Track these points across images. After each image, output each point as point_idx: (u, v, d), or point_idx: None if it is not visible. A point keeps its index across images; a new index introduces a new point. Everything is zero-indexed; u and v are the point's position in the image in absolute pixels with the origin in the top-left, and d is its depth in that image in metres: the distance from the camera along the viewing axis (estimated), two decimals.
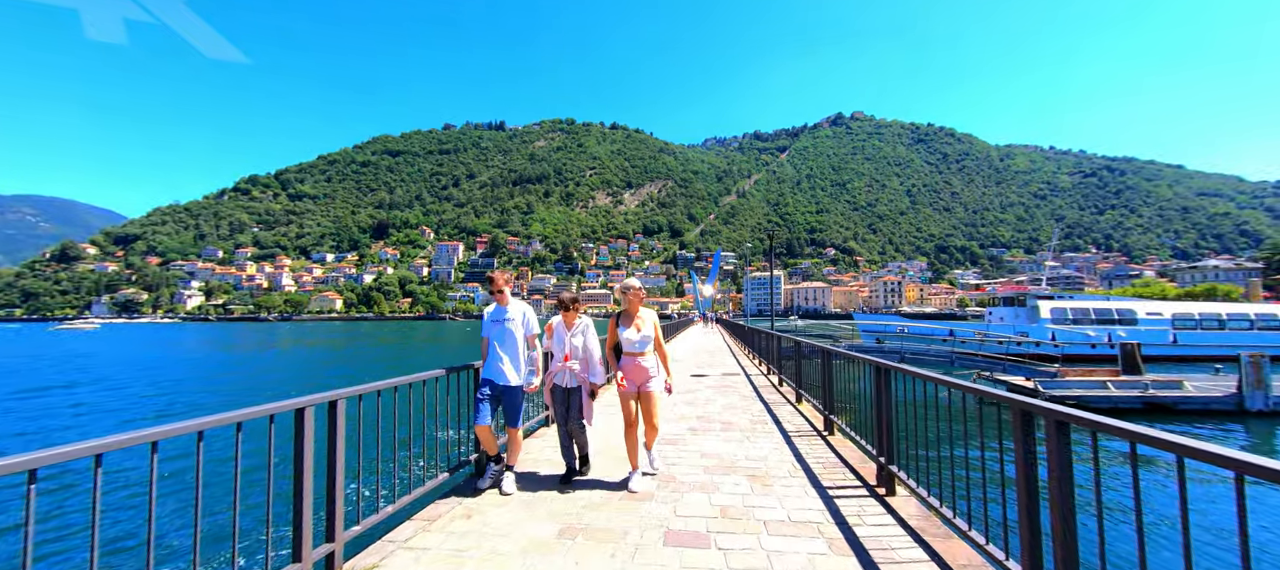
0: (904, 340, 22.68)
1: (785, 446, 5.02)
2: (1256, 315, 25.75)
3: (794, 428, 5.71)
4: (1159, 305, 26.92)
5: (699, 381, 9.57)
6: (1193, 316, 26.13)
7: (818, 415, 6.10)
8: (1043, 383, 13.64)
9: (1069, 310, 26.18)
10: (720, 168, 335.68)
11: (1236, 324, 25.77)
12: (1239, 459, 1.37)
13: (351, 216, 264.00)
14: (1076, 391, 13.05)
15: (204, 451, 2.14)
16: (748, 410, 6.77)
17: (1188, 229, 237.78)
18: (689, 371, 11.24)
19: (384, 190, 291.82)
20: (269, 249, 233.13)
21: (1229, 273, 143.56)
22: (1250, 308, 26.64)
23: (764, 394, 8.05)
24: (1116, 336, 24.65)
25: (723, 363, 13.28)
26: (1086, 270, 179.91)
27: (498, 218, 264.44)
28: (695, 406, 7.06)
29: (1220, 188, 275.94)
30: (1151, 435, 1.61)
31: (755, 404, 7.21)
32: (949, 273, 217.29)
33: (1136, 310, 26.27)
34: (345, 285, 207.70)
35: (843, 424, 5.07)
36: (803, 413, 6.49)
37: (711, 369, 11.73)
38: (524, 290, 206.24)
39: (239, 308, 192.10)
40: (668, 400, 7.27)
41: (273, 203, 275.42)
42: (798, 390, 7.14)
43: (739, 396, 7.82)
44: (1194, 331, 25.78)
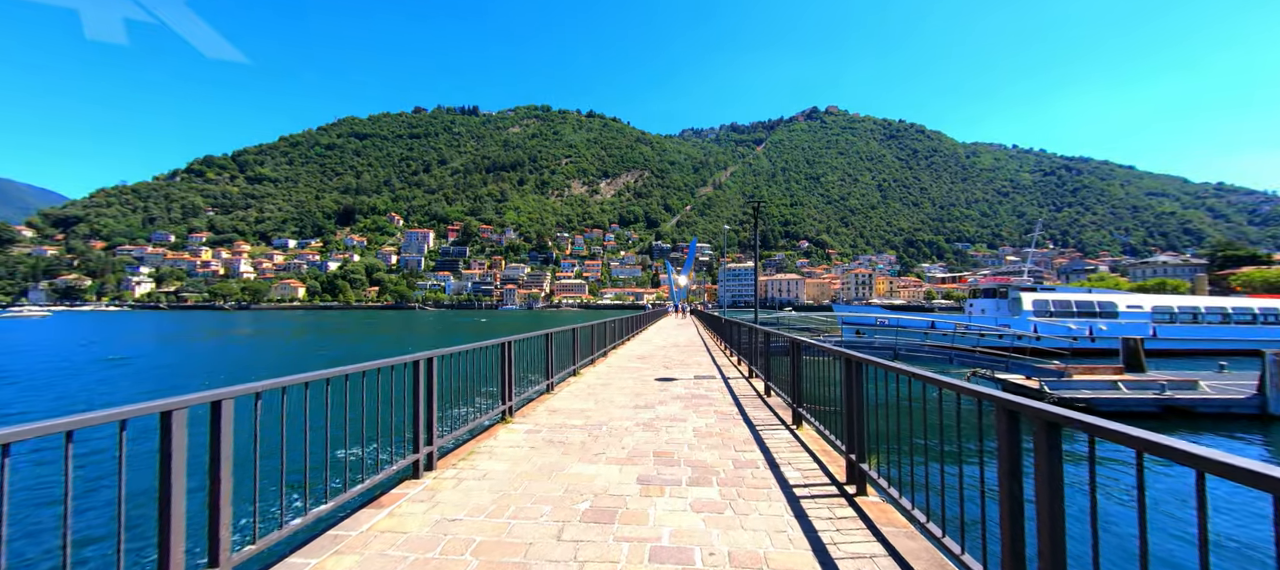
0: (897, 335, 21.05)
1: (794, 520, 3.19)
2: (1233, 309, 25.64)
3: (800, 476, 3.94)
4: (1139, 298, 26.62)
5: (665, 387, 7.91)
6: (1172, 309, 25.85)
7: (831, 452, 4.47)
8: (1048, 382, 12.52)
9: (1051, 302, 25.61)
10: (697, 159, 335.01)
11: (1211, 318, 25.65)
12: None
13: (315, 201, 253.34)
14: (1085, 393, 11.91)
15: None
16: (728, 439, 5.03)
17: (1137, 227, 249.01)
18: (655, 373, 9.59)
19: (350, 174, 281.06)
20: (226, 234, 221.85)
21: (1176, 268, 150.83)
22: (1227, 301, 26.56)
23: (747, 406, 6.42)
24: (1098, 330, 24.22)
25: (696, 361, 11.66)
26: (1044, 265, 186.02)
27: (470, 205, 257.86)
28: (656, 432, 5.28)
29: (1166, 188, 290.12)
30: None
31: (738, 426, 5.52)
32: (917, 266, 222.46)
33: (1117, 303, 25.85)
34: (309, 273, 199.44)
35: (876, 474, 3.34)
36: (804, 442, 4.82)
37: (683, 370, 10.08)
38: (497, 279, 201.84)
39: (193, 295, 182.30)
40: (620, 417, 5.53)
41: (230, 185, 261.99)
42: (794, 407, 5.50)
43: (716, 414, 6.13)
44: (1173, 325, 25.47)
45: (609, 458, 4.39)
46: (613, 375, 9.28)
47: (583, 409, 6.33)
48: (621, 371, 9.83)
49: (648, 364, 11.08)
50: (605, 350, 12.49)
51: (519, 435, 5.07)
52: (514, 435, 5.07)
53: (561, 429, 5.33)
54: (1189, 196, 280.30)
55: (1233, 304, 26.37)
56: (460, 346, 4.58)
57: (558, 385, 7.89)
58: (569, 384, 8.18)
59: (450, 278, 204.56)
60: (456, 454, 4.45)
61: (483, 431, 5.17)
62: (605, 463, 4.24)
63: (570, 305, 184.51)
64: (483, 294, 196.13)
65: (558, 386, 7.84)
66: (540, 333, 7.11)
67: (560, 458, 4.37)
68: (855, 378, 3.57)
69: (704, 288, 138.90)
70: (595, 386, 8.00)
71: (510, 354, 5.69)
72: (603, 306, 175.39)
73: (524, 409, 6.27)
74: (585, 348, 10.19)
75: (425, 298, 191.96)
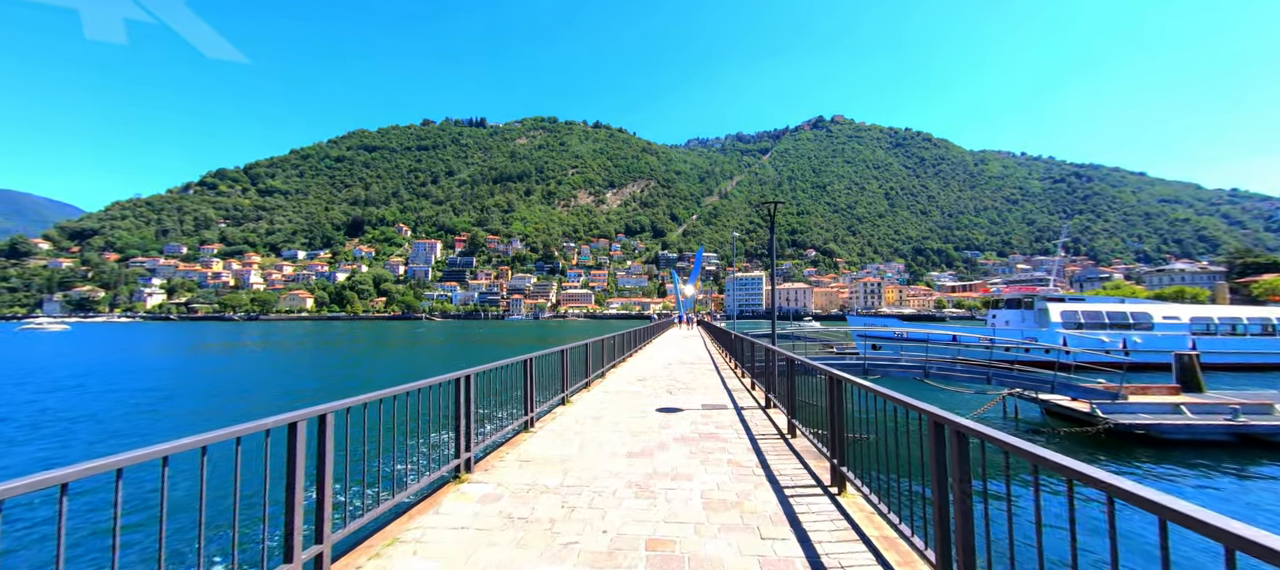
0: (926, 351, 19.64)
1: None
2: (1278, 320, 23.86)
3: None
4: (1175, 308, 24.99)
5: (668, 421, 6.70)
6: (1211, 320, 24.16)
7: (894, 541, 3.14)
8: (1100, 405, 11.17)
9: (1080, 313, 24.08)
10: (702, 168, 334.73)
11: (1252, 329, 23.93)
12: None
13: (325, 213, 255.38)
14: (1144, 418, 10.55)
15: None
16: (750, 514, 3.67)
17: (1150, 234, 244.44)
18: (656, 399, 8.36)
19: (360, 186, 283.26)
20: (237, 246, 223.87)
21: (1195, 275, 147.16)
22: (1270, 312, 24.80)
23: (769, 454, 5.14)
24: (1132, 343, 22.63)
25: (703, 382, 10.41)
26: (1057, 272, 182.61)
27: (477, 216, 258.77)
28: (652, 498, 3.99)
29: (1179, 195, 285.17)
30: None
31: (761, 488, 4.19)
32: (926, 274, 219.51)
33: (1152, 313, 24.25)
34: (317, 284, 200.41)
35: None
36: (855, 521, 3.45)
37: (688, 395, 8.84)
38: (503, 289, 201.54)
39: (203, 306, 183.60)
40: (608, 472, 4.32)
41: (241, 198, 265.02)
42: (834, 464, 4.11)
43: (730, 465, 4.81)
44: (1213, 337, 23.78)
45: (584, 551, 3.12)
46: (608, 403, 8.11)
47: (563, 456, 5.13)
48: (618, 397, 8.67)
49: (648, 387, 9.84)
50: (603, 370, 11.29)
51: (468, 508, 3.82)
52: (462, 507, 3.82)
53: (528, 494, 4.11)
54: (1203, 203, 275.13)
55: (1276, 315, 24.70)
56: (405, 386, 3.50)
57: (540, 420, 6.70)
58: (554, 417, 7.00)
59: (457, 288, 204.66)
60: (363, 550, 3.13)
61: (418, 503, 3.88)
62: (576, 563, 2.99)
63: (576, 315, 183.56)
64: (489, 304, 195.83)
65: (540, 421, 6.66)
66: (517, 359, 5.94)
67: (513, 553, 3.11)
68: (957, 454, 2.39)
69: (711, 297, 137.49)
70: (584, 420, 6.82)
71: (468, 391, 4.51)
72: (609, 316, 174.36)
73: (489, 459, 5.06)
74: (578, 370, 9.01)
75: (432, 308, 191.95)
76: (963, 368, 12.58)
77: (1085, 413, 11.23)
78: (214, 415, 16.36)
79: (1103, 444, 10.72)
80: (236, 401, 19.10)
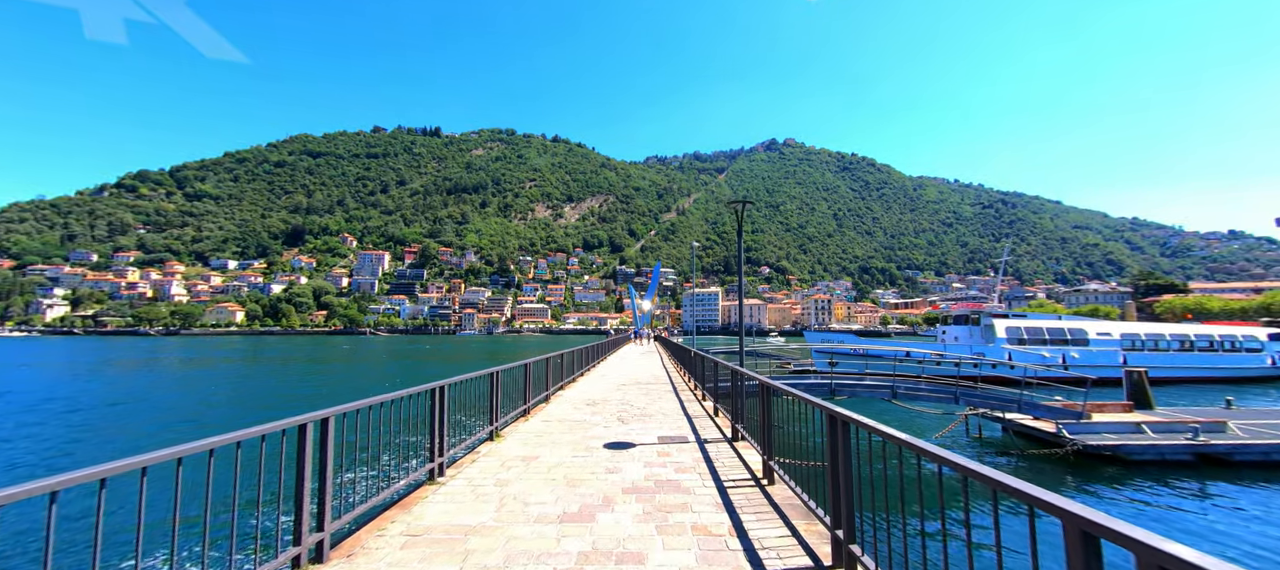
0: (894, 366, 19.22)
1: None
2: (1196, 337, 25.51)
3: None
4: (1107, 325, 26.26)
5: (618, 462, 5.47)
6: (1139, 337, 25.45)
7: None
8: (1067, 425, 10.90)
9: (1023, 329, 24.81)
10: (661, 185, 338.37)
11: (1173, 345, 25.48)
12: None
13: (261, 220, 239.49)
14: (1110, 439, 10.33)
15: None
16: None
17: (1066, 257, 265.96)
18: (606, 432, 7.10)
19: (301, 193, 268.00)
20: (158, 253, 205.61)
21: (1106, 295, 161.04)
22: (1188, 329, 26.61)
23: (744, 513, 4.02)
24: (1070, 358, 23.59)
25: (661, 406, 9.26)
26: (986, 291, 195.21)
27: (429, 227, 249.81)
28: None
29: (1089, 222, 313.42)
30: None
31: None
32: (872, 292, 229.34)
33: (1088, 330, 25.31)
34: (249, 295, 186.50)
35: None
36: None
37: (644, 424, 7.65)
38: (455, 303, 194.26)
39: (114, 320, 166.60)
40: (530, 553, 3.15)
41: (165, 202, 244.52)
42: (834, 533, 3.06)
43: (694, 533, 3.66)
44: (1140, 353, 24.99)
45: None
46: (547, 437, 6.81)
47: (471, 525, 3.79)
48: (561, 428, 7.39)
49: (599, 413, 8.59)
50: (547, 393, 9.94)
51: None
52: None
53: None
54: (1109, 229, 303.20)
55: (1194, 332, 26.33)
56: (241, 432, 2.64)
57: (455, 466, 5.29)
58: (475, 459, 5.60)
59: (406, 301, 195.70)
60: None
61: None
62: None
63: (532, 330, 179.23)
64: (440, 318, 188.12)
65: (455, 467, 5.24)
66: (425, 387, 4.61)
67: None
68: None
69: (668, 312, 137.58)
70: (513, 463, 5.48)
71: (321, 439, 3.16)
72: (566, 331, 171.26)
73: (363, 533, 3.62)
74: (514, 395, 7.68)
75: (378, 322, 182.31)
76: (930, 387, 12.13)
77: (1051, 433, 10.92)
78: None
79: (1071, 466, 10.41)
80: None
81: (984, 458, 11.28)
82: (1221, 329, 26.79)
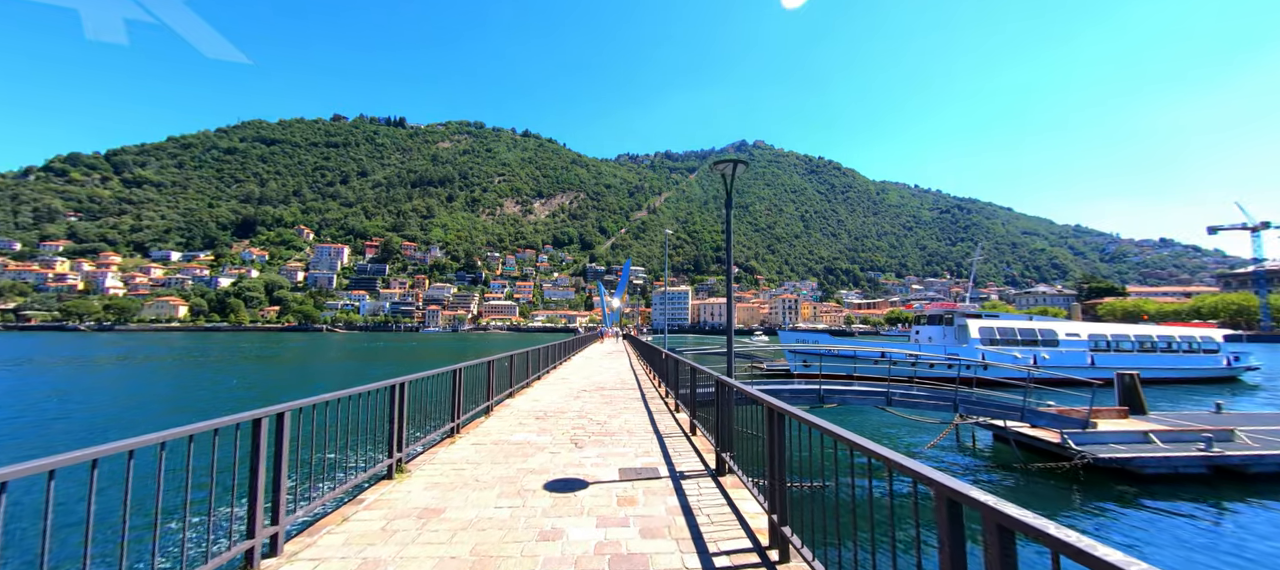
0: (888, 369, 18.41)
1: None
2: (1158, 337, 26.15)
3: None
4: (1075, 326, 26.55)
5: (560, 517, 4.10)
6: (1105, 338, 25.78)
7: None
8: (1072, 435, 10.29)
9: (996, 329, 24.84)
10: (632, 183, 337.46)
11: (1132, 346, 26.08)
12: None
13: (208, 210, 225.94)
14: (1120, 451, 9.77)
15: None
16: None
17: (1016, 260, 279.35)
18: (551, 462, 5.79)
19: (254, 182, 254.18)
20: (91, 243, 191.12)
21: (1053, 297, 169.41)
22: (1150, 330, 27.18)
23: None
24: (1041, 358, 23.77)
25: (626, 421, 8.02)
26: (943, 294, 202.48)
27: (393, 220, 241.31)
28: None
29: (1037, 228, 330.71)
30: None
31: None
32: (836, 292, 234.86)
33: (1057, 331, 25.48)
34: (194, 289, 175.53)
35: None
36: None
37: (603, 448, 6.38)
38: (419, 299, 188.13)
39: (39, 313, 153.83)
40: None
41: (99, 187, 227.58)
42: None
43: None
44: (1108, 353, 25.32)
45: None
46: (471, 470, 5.36)
47: None
48: (495, 453, 6.00)
49: (547, 432, 7.22)
50: (488, 404, 8.48)
51: None
52: None
53: None
54: (1055, 235, 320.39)
55: (1155, 332, 26.89)
56: None
57: (312, 528, 3.73)
58: (349, 516, 3.98)
59: (366, 297, 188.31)
60: None
61: None
62: None
63: (499, 328, 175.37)
64: (403, 315, 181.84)
65: (309, 532, 3.66)
66: (253, 414, 3.13)
67: None
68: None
69: (638, 311, 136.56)
70: (403, 522, 3.89)
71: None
72: (534, 329, 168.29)
73: None
74: (439, 410, 6.27)
75: (335, 319, 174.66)
76: (926, 393, 11.44)
77: (1056, 444, 10.24)
78: None
79: (1080, 481, 9.70)
80: None
81: (982, 476, 10.50)
82: (1181, 330, 27.56)
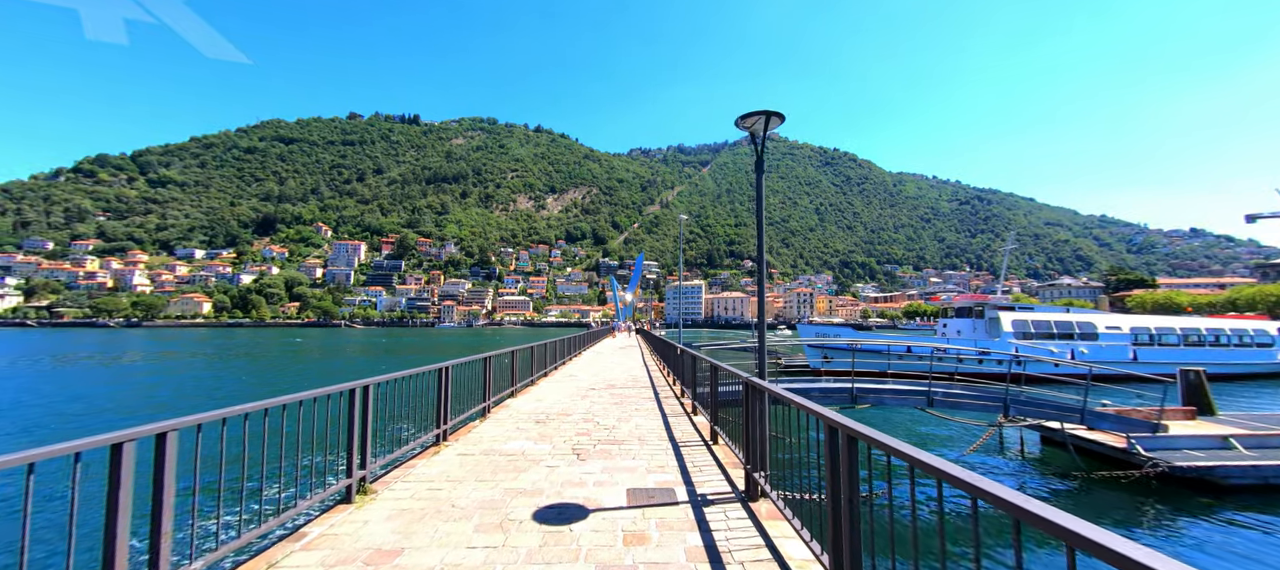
0: (929, 366, 16.32)
1: None
2: (1207, 331, 24.52)
3: None
4: (1115, 318, 25.07)
5: (558, 551, 3.33)
6: (1150, 331, 24.20)
7: None
8: (1141, 440, 9.22)
9: (1031, 323, 23.61)
10: (645, 177, 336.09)
11: (1175, 340, 24.36)
12: None
13: (230, 208, 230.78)
14: (1199, 459, 8.69)
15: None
16: None
17: (1038, 252, 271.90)
18: (546, 480, 4.95)
19: (273, 180, 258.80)
20: (118, 242, 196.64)
21: (1079, 289, 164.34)
22: (1200, 323, 25.45)
23: None
24: (1078, 353, 22.44)
25: (637, 426, 7.16)
26: (963, 286, 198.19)
27: (408, 217, 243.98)
28: None
29: (1060, 219, 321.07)
30: None
31: None
32: (852, 285, 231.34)
33: (1097, 324, 23.97)
34: (217, 286, 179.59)
35: None
36: None
37: (610, 461, 5.53)
38: (434, 295, 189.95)
39: (71, 310, 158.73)
40: None
41: (126, 188, 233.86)
42: None
43: None
44: (1152, 348, 23.83)
45: None
46: (449, 491, 4.49)
47: None
48: (481, 468, 5.16)
49: (549, 438, 6.44)
50: (484, 406, 7.68)
51: None
52: None
53: None
54: (1079, 226, 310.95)
55: (1204, 325, 25.21)
56: None
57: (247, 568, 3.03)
58: (294, 549, 3.29)
59: (383, 293, 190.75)
60: None
61: None
62: None
63: (513, 323, 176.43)
64: (418, 310, 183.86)
65: None
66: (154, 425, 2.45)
67: None
68: None
69: (651, 305, 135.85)
70: (347, 566, 3.10)
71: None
72: (547, 324, 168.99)
73: None
74: (422, 416, 5.48)
75: (353, 314, 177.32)
76: (973, 393, 10.36)
77: (1121, 450, 9.19)
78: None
79: (1153, 491, 8.62)
80: None
81: (1043, 489, 9.33)
82: (1230, 322, 25.81)
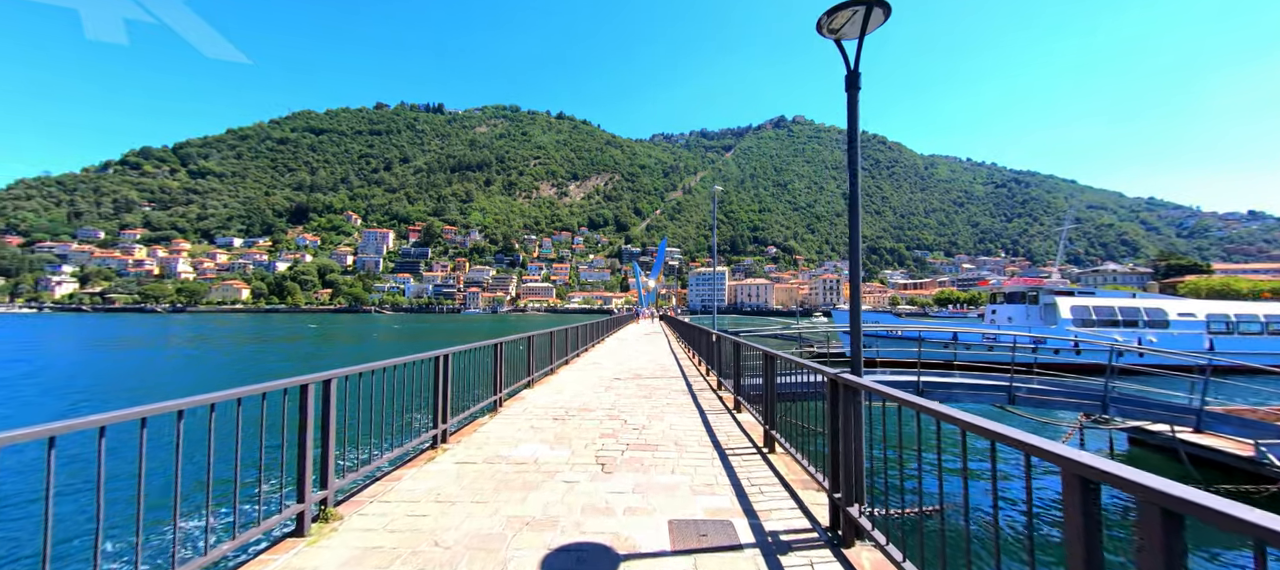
0: (1017, 359, 15.67)
1: None
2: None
3: None
4: (1188, 304, 23.13)
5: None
6: (1228, 318, 22.31)
7: None
8: (1274, 448, 8.01)
9: (1092, 308, 22.04)
10: (667, 163, 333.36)
11: (1256, 328, 22.32)
12: None
13: (265, 198, 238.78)
14: None
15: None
16: None
17: (1079, 236, 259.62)
18: (563, 510, 3.81)
19: (305, 170, 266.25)
20: (163, 231, 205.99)
21: (1125, 275, 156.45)
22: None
23: None
24: (1147, 342, 20.76)
25: (673, 425, 6.16)
26: (997, 272, 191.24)
27: (433, 205, 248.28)
28: None
29: (1105, 202, 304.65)
30: None
31: None
32: (880, 272, 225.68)
33: (1167, 310, 22.25)
34: (255, 273, 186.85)
35: None
36: None
37: (644, 479, 4.41)
38: (460, 282, 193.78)
39: (121, 297, 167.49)
40: None
41: (169, 179, 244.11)
42: None
43: None
44: (1231, 336, 21.86)
45: None
46: (436, 517, 3.44)
47: None
48: (483, 485, 4.13)
49: (567, 441, 5.45)
50: (497, 398, 6.85)
51: None
52: None
53: None
54: (1125, 210, 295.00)
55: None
56: None
57: None
58: None
59: (411, 280, 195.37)
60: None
61: None
62: None
63: (537, 309, 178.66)
64: (444, 297, 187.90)
65: None
66: None
67: None
68: None
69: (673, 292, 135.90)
70: None
71: None
72: (571, 310, 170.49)
73: None
74: (410, 415, 4.68)
75: (383, 301, 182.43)
76: (1061, 388, 9.62)
77: (1247, 459, 8.05)
78: None
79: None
80: None
81: None
82: None
